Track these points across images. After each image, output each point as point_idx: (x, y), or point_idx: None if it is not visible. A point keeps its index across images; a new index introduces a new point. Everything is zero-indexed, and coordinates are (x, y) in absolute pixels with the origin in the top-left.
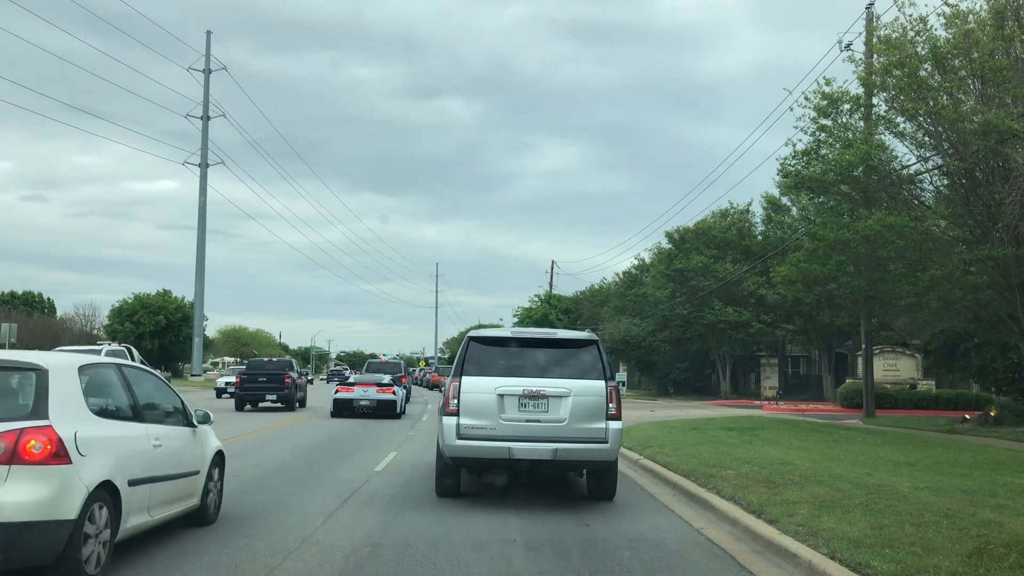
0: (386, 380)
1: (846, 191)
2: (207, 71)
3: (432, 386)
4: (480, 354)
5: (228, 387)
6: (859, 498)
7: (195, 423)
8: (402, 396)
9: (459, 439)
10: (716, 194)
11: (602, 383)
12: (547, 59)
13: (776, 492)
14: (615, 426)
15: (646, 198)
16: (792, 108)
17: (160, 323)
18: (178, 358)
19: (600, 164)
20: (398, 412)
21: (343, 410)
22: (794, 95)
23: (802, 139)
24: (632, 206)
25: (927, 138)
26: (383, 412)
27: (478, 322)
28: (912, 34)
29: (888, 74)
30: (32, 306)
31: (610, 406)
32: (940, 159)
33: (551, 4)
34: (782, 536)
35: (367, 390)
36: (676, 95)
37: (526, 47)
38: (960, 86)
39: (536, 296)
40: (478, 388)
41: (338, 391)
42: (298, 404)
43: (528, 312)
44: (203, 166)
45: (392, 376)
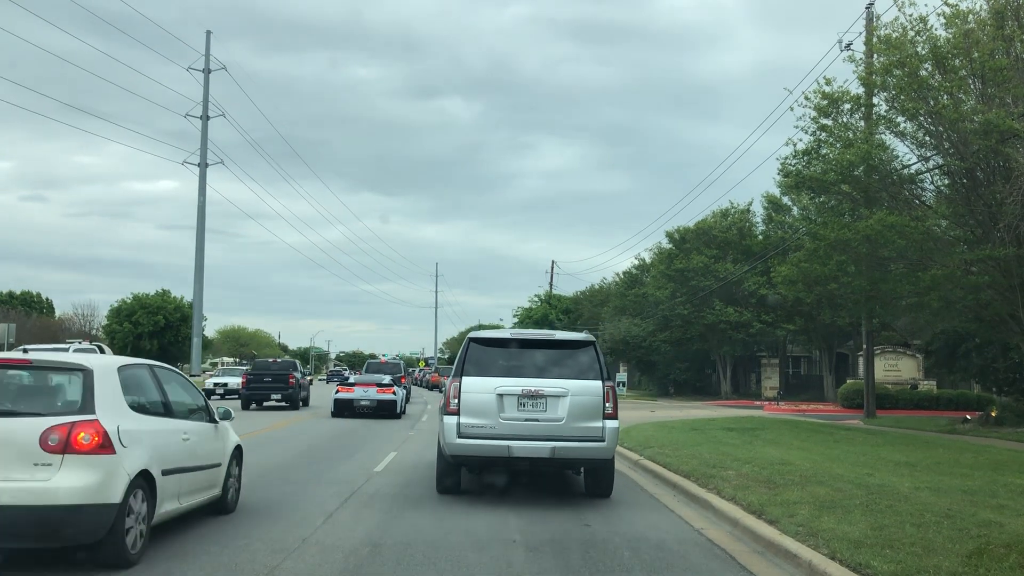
0: (386, 380)
1: (847, 191)
2: (207, 71)
3: (432, 386)
4: (480, 355)
5: (217, 388)
6: (860, 498)
7: (217, 420)
8: (402, 396)
9: (460, 438)
10: (716, 194)
11: (599, 383)
12: (547, 59)
13: (776, 492)
14: (611, 425)
15: (646, 198)
16: (792, 108)
17: (159, 323)
18: (177, 358)
19: (600, 164)
20: (398, 412)
21: (344, 410)
22: (794, 95)
23: (802, 139)
24: (632, 206)
25: (928, 138)
26: (383, 412)
27: (478, 322)
28: (912, 34)
29: (888, 74)
30: (31, 306)
31: (606, 405)
32: (941, 159)
33: (551, 4)
34: (782, 536)
35: (367, 390)
36: (676, 95)
37: (526, 47)
38: (960, 86)
39: (536, 296)
40: (478, 388)
41: (339, 391)
42: (302, 403)
43: (528, 312)
44: (203, 166)
45: (392, 376)
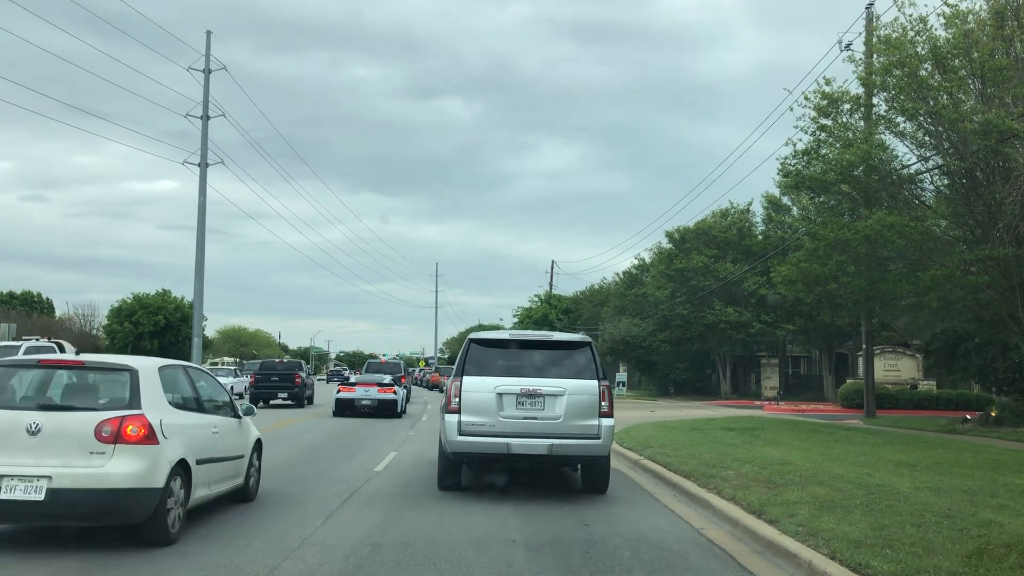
0: (387, 380)
1: (846, 191)
2: (207, 71)
3: (432, 386)
4: (480, 355)
5: None
6: (860, 498)
7: (240, 415)
8: (403, 396)
9: (460, 435)
10: (716, 194)
11: (595, 382)
12: (547, 59)
13: (776, 492)
14: (607, 423)
15: (646, 198)
16: (792, 108)
17: (159, 323)
18: (177, 358)
19: (600, 164)
20: (399, 412)
21: (345, 409)
22: (794, 95)
23: (802, 139)
24: (632, 206)
25: (927, 138)
26: (384, 412)
27: (478, 322)
28: (912, 34)
29: (888, 74)
30: (31, 306)
31: (602, 404)
32: (940, 159)
33: (551, 4)
34: (782, 536)
35: (368, 390)
36: (676, 95)
37: (526, 47)
38: (960, 86)
39: (536, 296)
40: (478, 387)
41: (340, 391)
42: (307, 401)
43: (528, 312)
44: (203, 166)
45: (392, 376)
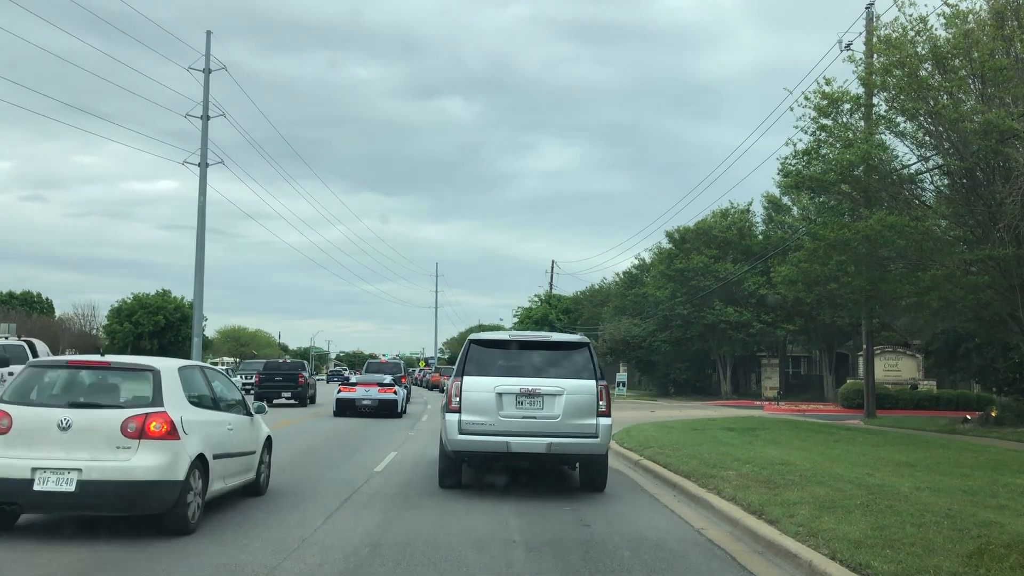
0: (388, 380)
1: (847, 191)
2: (207, 71)
3: (432, 386)
4: (480, 355)
5: None
6: (860, 498)
7: (252, 413)
8: (403, 396)
9: (461, 434)
10: (716, 194)
11: (593, 382)
12: (547, 59)
13: (777, 492)
14: (605, 422)
15: (646, 198)
16: (792, 108)
17: (159, 323)
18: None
19: (600, 164)
20: (399, 412)
21: (346, 409)
22: (794, 95)
23: (802, 139)
24: (632, 206)
25: (928, 138)
26: (385, 411)
27: (478, 322)
28: (912, 34)
29: (888, 74)
30: (31, 306)
31: (600, 403)
32: (941, 159)
33: (551, 4)
34: (782, 536)
35: (369, 390)
36: (676, 95)
37: (526, 47)
38: (960, 86)
39: (536, 296)
40: (478, 387)
41: (341, 391)
42: (309, 400)
43: (528, 312)
44: (203, 166)
45: (392, 376)
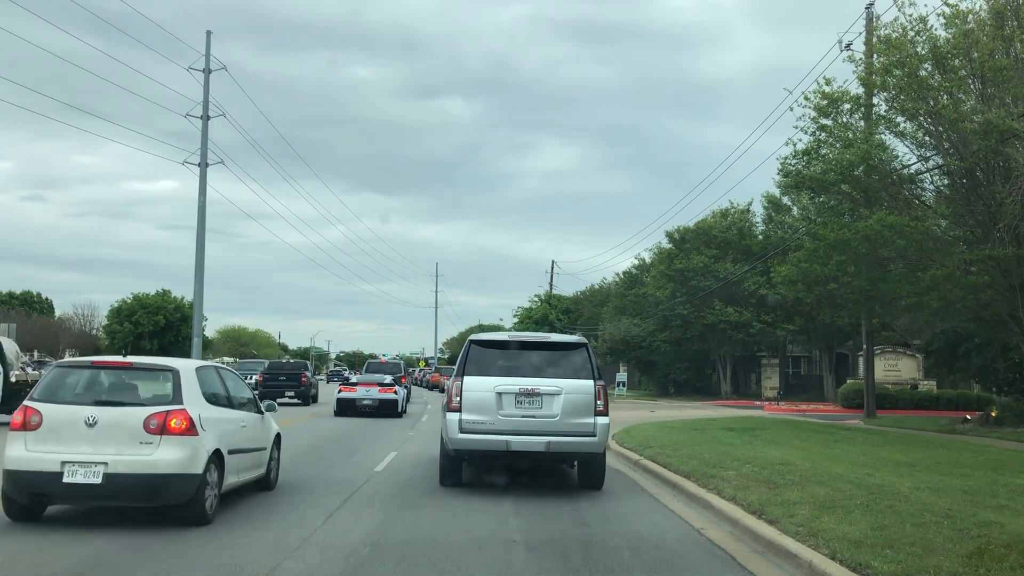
0: (388, 380)
1: (847, 191)
2: (207, 71)
3: (432, 386)
4: (480, 356)
5: None
6: (860, 498)
7: (263, 411)
8: (403, 396)
9: (461, 433)
10: (716, 194)
11: (591, 382)
12: (547, 59)
13: (777, 492)
14: (603, 421)
15: (646, 198)
16: (792, 108)
17: (159, 323)
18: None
19: (600, 164)
20: (400, 412)
21: (346, 409)
22: (794, 95)
23: (802, 139)
24: (632, 206)
25: (927, 138)
26: (385, 411)
27: (478, 322)
28: (912, 34)
29: (888, 74)
30: (31, 306)
31: (598, 403)
32: (941, 159)
33: (551, 4)
34: (783, 536)
35: (369, 390)
36: (676, 95)
37: (526, 47)
38: (960, 86)
39: (536, 296)
40: (478, 387)
41: (341, 391)
42: (312, 400)
43: (528, 312)
44: (203, 166)
45: (393, 376)
